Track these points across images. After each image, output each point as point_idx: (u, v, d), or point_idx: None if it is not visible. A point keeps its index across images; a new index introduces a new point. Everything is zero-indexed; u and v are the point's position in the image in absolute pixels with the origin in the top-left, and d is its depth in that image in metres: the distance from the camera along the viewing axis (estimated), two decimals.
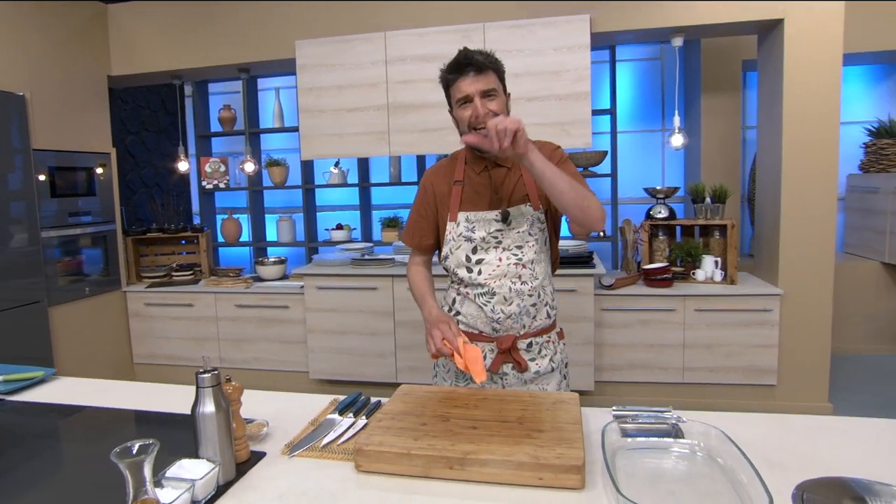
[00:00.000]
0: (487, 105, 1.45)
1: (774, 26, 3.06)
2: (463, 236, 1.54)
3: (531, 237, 1.53)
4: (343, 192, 4.72)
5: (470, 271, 1.54)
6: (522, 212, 1.53)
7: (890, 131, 4.10)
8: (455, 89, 1.49)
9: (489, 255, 1.53)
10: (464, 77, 1.47)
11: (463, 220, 1.55)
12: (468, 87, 1.46)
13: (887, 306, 4.19)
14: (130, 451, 0.82)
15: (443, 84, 1.55)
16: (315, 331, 3.54)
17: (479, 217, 1.53)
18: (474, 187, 1.56)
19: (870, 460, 1.08)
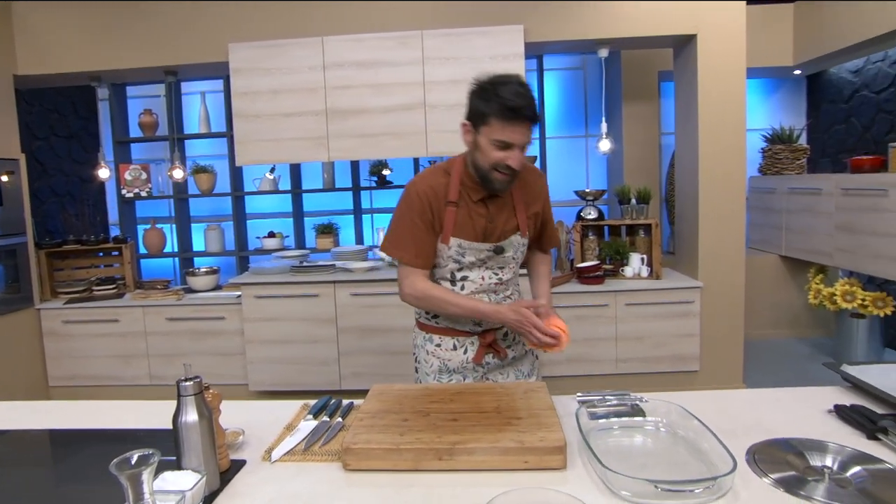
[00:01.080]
0: (522, 158, 1.45)
1: (688, 41, 3.34)
2: (452, 258, 1.56)
3: (513, 260, 1.62)
4: (273, 199, 4.61)
5: (453, 284, 1.59)
6: (512, 242, 1.59)
7: (782, 138, 4.56)
8: (501, 129, 1.39)
9: (473, 272, 1.58)
10: (517, 125, 1.39)
11: (455, 245, 1.54)
12: (516, 136, 1.40)
13: (786, 294, 4.65)
14: (129, 463, 0.79)
15: (485, 106, 1.40)
16: (254, 341, 3.44)
17: (472, 246, 1.54)
18: (469, 213, 1.53)
19: (801, 422, 1.23)
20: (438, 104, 3.32)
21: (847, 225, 3.69)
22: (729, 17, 3.21)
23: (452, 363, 1.62)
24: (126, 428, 1.38)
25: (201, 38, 3.40)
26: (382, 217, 4.69)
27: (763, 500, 0.95)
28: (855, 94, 4.36)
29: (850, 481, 0.99)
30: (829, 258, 3.93)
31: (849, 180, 3.66)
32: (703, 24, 3.22)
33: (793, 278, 4.63)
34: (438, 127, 3.34)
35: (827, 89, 4.67)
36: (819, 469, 1.03)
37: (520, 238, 1.60)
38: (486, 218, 1.54)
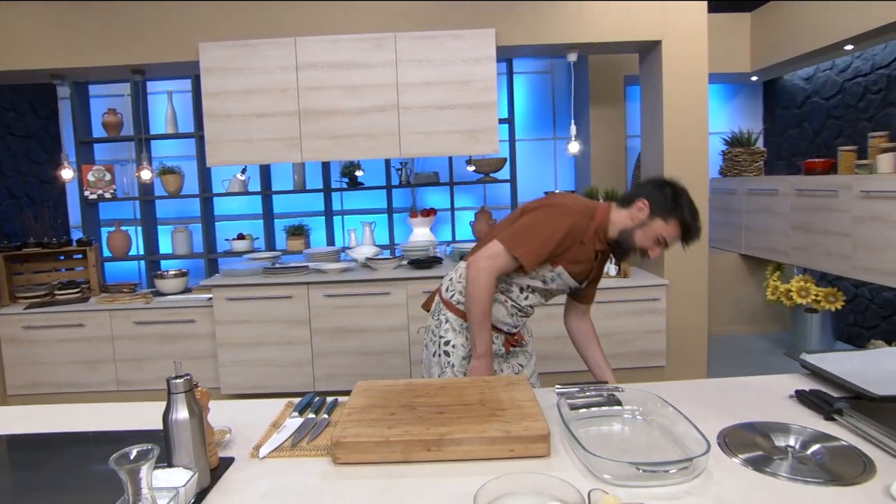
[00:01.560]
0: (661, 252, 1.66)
1: (654, 47, 3.46)
2: (543, 278, 1.72)
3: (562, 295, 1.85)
4: (242, 200, 4.55)
5: (522, 291, 1.77)
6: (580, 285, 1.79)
7: (741, 141, 4.76)
8: (669, 232, 1.59)
9: (534, 296, 1.78)
10: (679, 238, 1.61)
11: (558, 272, 1.69)
12: (673, 243, 1.63)
13: (745, 292, 4.85)
14: (128, 458, 0.80)
15: (673, 211, 1.58)
16: (226, 344, 3.39)
17: (569, 281, 1.71)
18: (584, 257, 1.70)
19: (766, 407, 1.30)
20: (412, 106, 3.35)
21: (801, 224, 3.88)
22: (692, 25, 3.34)
23: None
24: (102, 430, 1.36)
25: (171, 37, 3.35)
26: (353, 219, 4.68)
27: (734, 478, 1.01)
28: (807, 101, 4.58)
29: (810, 458, 1.07)
30: (785, 256, 4.11)
31: (802, 182, 3.85)
32: (667, 31, 3.34)
33: (752, 276, 4.83)
34: (412, 129, 3.37)
35: (781, 95, 4.89)
36: (783, 448, 1.10)
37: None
38: (590, 267, 1.74)
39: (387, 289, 3.41)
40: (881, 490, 0.95)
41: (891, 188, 3.15)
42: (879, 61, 3.86)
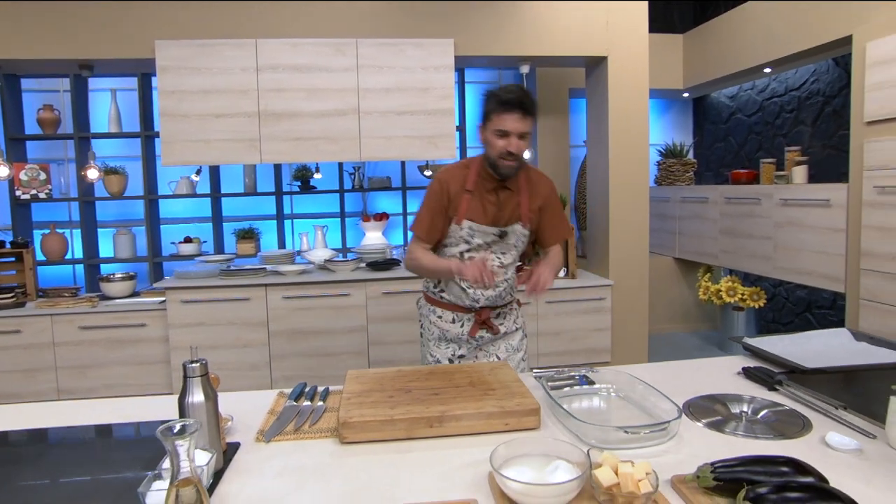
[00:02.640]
0: (519, 144, 1.69)
1: (600, 62, 3.70)
2: (462, 238, 1.79)
3: (514, 248, 1.84)
4: (188, 203, 4.42)
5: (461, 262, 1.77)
6: (514, 230, 1.81)
7: (674, 153, 5.13)
8: (499, 120, 1.67)
9: (478, 254, 1.79)
10: (511, 114, 1.65)
11: (466, 226, 1.78)
12: (512, 125, 1.66)
13: (678, 292, 5.21)
14: (172, 431, 0.84)
15: (487, 105, 1.71)
16: (179, 347, 3.31)
17: (481, 229, 1.78)
18: (481, 200, 1.78)
19: (720, 382, 1.48)
20: (372, 110, 3.42)
21: (729, 229, 4.24)
22: (635, 43, 3.60)
23: (450, 334, 1.86)
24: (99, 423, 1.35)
25: (124, 33, 3.25)
26: (305, 223, 4.66)
27: (700, 438, 1.16)
28: (731, 117, 5.00)
29: (760, 421, 1.24)
30: (714, 259, 4.47)
31: (730, 191, 4.21)
32: (613, 48, 3.59)
33: (684, 277, 5.19)
34: (372, 133, 3.44)
35: (709, 111, 5.31)
36: (738, 414, 1.27)
37: (521, 228, 1.82)
38: (496, 206, 1.78)
39: (346, 290, 3.44)
40: (818, 440, 1.13)
41: (803, 196, 3.52)
42: (792, 84, 4.29)
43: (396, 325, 3.49)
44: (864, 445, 1.10)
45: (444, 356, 1.88)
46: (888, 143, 2.88)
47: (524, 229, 1.82)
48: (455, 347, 1.87)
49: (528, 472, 0.94)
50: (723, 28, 4.34)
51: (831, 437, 1.11)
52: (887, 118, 2.89)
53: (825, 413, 1.25)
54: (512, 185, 1.80)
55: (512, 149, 1.67)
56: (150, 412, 1.39)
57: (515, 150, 1.68)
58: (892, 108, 2.86)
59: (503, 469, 0.93)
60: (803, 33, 3.53)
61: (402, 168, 4.47)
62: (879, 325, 2.93)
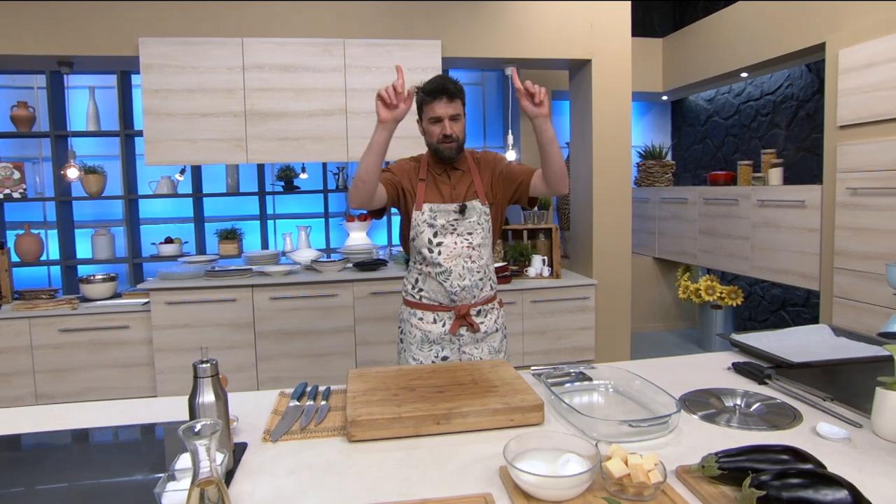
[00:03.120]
0: (452, 127, 1.80)
1: (584, 65, 3.76)
2: (426, 223, 1.86)
3: (479, 226, 1.88)
4: (168, 203, 4.35)
5: (431, 251, 1.85)
6: (474, 206, 1.88)
7: (653, 154, 5.24)
8: (429, 109, 1.82)
9: (447, 238, 1.85)
10: (438, 101, 1.79)
11: (427, 209, 1.86)
12: (441, 110, 1.79)
13: (658, 292, 5.32)
14: (193, 430, 0.84)
15: (417, 100, 1.84)
16: (164, 349, 3.27)
17: (441, 208, 1.86)
18: (436, 184, 1.89)
19: (712, 377, 1.53)
20: (360, 111, 3.42)
21: (708, 229, 4.35)
22: (618, 46, 3.67)
23: (432, 335, 1.89)
24: None
25: (106, 29, 3.19)
26: (288, 223, 4.63)
27: (697, 430, 1.20)
28: (709, 120, 5.13)
29: (753, 413, 1.29)
30: (694, 258, 4.58)
31: (709, 192, 4.32)
32: (597, 51, 3.65)
33: (663, 277, 5.30)
34: (359, 133, 3.44)
35: (687, 114, 5.43)
36: (732, 407, 1.32)
37: (480, 205, 1.88)
38: (449, 185, 1.89)
39: (333, 290, 3.44)
40: (810, 430, 1.18)
41: (779, 197, 3.64)
42: (767, 88, 4.42)
43: (384, 325, 3.50)
44: (852, 434, 1.15)
45: (427, 358, 1.90)
46: (860, 147, 2.99)
47: (483, 206, 1.89)
48: (438, 349, 1.90)
49: (540, 465, 0.97)
50: (702, 33, 4.45)
51: (822, 426, 1.16)
52: (859, 122, 3.00)
53: (813, 405, 1.31)
54: (461, 165, 1.90)
55: (446, 131, 1.78)
56: (136, 415, 1.38)
57: (450, 132, 1.79)
58: (863, 113, 2.97)
59: (516, 463, 0.95)
60: (779, 39, 3.65)
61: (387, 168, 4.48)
62: (851, 321, 3.05)
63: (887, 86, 2.84)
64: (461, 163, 1.91)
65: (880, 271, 2.89)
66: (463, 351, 1.91)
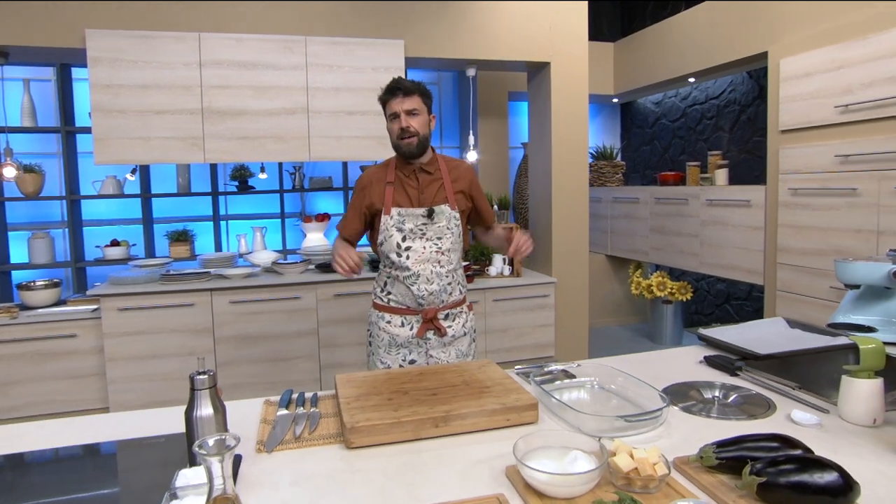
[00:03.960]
0: (410, 121, 1.82)
1: (543, 67, 3.84)
2: (395, 227, 1.85)
3: (448, 231, 1.89)
4: (114, 204, 4.13)
5: (399, 256, 1.84)
6: (443, 210, 1.88)
7: (605, 155, 5.41)
8: (387, 108, 1.86)
9: (415, 243, 1.85)
10: (394, 98, 1.83)
11: (395, 213, 1.87)
12: (397, 106, 1.83)
13: (611, 288, 5.50)
14: (207, 445, 0.81)
15: (380, 103, 1.90)
16: (116, 359, 3.11)
17: (409, 212, 1.87)
18: (404, 188, 1.91)
19: (686, 371, 1.61)
20: (322, 110, 3.36)
21: (659, 228, 4.53)
22: (576, 49, 3.77)
23: (400, 338, 1.89)
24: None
25: (47, 19, 2.99)
26: (242, 224, 4.49)
27: (682, 421, 1.27)
28: (657, 122, 5.34)
29: (731, 404, 1.36)
30: (645, 255, 4.76)
31: (660, 191, 4.50)
32: (556, 54, 3.74)
33: (615, 274, 5.49)
34: (322, 132, 3.38)
35: (636, 116, 5.64)
36: (711, 398, 1.39)
37: (449, 209, 1.89)
38: (417, 189, 1.90)
39: (296, 293, 3.37)
40: (784, 418, 1.27)
41: (726, 197, 3.84)
42: (711, 93, 4.66)
43: (349, 327, 3.46)
44: (822, 420, 1.24)
45: (395, 362, 1.91)
46: (799, 150, 3.20)
47: (453, 211, 1.90)
48: (405, 352, 1.91)
49: (549, 463, 0.99)
50: (652, 39, 4.63)
51: (795, 414, 1.24)
52: (798, 128, 3.21)
53: (783, 393, 1.40)
54: (430, 167, 1.92)
55: (403, 125, 1.81)
56: (90, 432, 1.32)
57: (406, 126, 1.81)
58: (802, 119, 3.18)
59: (526, 462, 0.97)
60: (725, 47, 3.85)
61: (344, 168, 4.42)
62: (792, 312, 3.26)
63: (823, 94, 3.06)
64: (431, 166, 1.91)
65: (819, 266, 3.11)
66: (430, 355, 1.92)
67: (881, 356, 1.21)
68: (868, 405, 1.20)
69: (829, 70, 3.00)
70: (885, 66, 2.74)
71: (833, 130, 3.02)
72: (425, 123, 1.85)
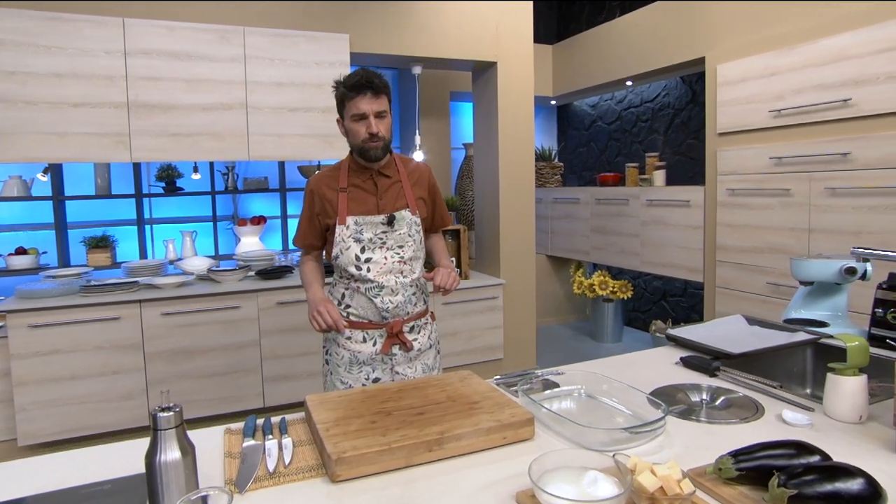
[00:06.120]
0: (378, 125, 1.67)
1: (489, 67, 3.80)
2: (352, 238, 1.70)
3: (410, 238, 1.75)
4: (18, 207, 3.70)
5: (359, 269, 1.70)
6: (404, 216, 1.74)
7: (543, 156, 5.47)
8: (352, 105, 1.66)
9: (375, 254, 1.71)
10: (362, 96, 1.64)
11: (352, 223, 1.70)
12: (365, 106, 1.65)
13: (552, 288, 5.57)
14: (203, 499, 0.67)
15: (337, 96, 1.71)
16: (27, 382, 2.76)
17: (367, 220, 1.73)
18: (360, 193, 1.75)
19: (665, 373, 1.59)
20: (262, 106, 3.15)
21: (599, 228, 4.62)
22: (521, 50, 3.76)
23: (362, 355, 1.75)
24: None
25: None
26: (170, 228, 4.16)
27: (678, 429, 1.23)
28: (593, 124, 5.47)
29: (719, 407, 1.35)
30: (586, 255, 4.85)
31: (600, 192, 4.59)
32: (502, 54, 3.71)
33: (556, 273, 5.57)
34: (262, 130, 3.17)
35: (572, 118, 5.75)
36: (699, 402, 1.38)
37: (410, 215, 1.76)
38: (375, 195, 1.76)
39: (235, 302, 3.13)
40: (775, 419, 1.26)
41: (664, 197, 3.96)
42: (646, 97, 4.81)
43: (293, 336, 3.27)
44: (812, 419, 1.25)
45: (358, 381, 1.77)
46: (735, 152, 3.34)
47: (413, 216, 1.78)
48: (368, 370, 1.77)
49: (566, 487, 0.92)
50: (592, 42, 4.72)
51: (786, 414, 1.24)
52: (734, 131, 3.36)
53: (765, 393, 1.41)
54: (388, 170, 1.78)
55: (373, 129, 1.65)
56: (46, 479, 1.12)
57: (376, 130, 1.66)
58: (737, 123, 3.33)
59: (543, 487, 0.89)
60: (663, 52, 3.97)
61: (281, 168, 4.20)
62: (732, 308, 3.40)
63: (757, 99, 3.21)
64: (388, 168, 1.79)
65: (756, 263, 3.26)
66: (396, 371, 1.79)
67: (866, 354, 1.23)
68: (854, 402, 1.22)
69: (763, 76, 3.15)
70: (813, 74, 2.91)
71: (767, 134, 3.17)
72: (390, 127, 1.72)
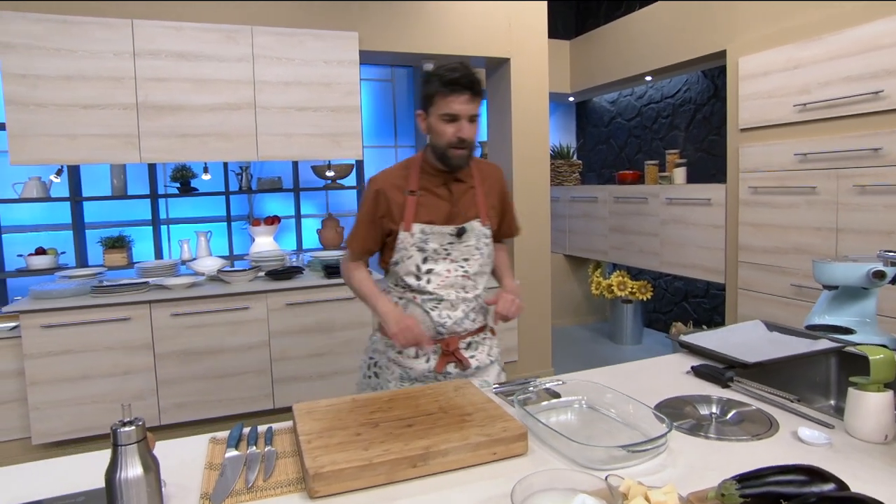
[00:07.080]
0: (470, 130, 1.51)
1: (503, 63, 3.73)
2: (416, 246, 1.58)
3: (477, 251, 1.62)
4: (37, 209, 3.75)
5: (419, 279, 1.59)
6: (473, 227, 1.61)
7: (561, 154, 5.36)
8: (444, 103, 1.48)
9: (438, 265, 1.59)
10: (459, 96, 1.47)
11: (418, 231, 1.57)
12: (461, 107, 1.48)
13: (570, 288, 5.46)
14: None
15: (428, 89, 1.51)
16: (40, 382, 2.78)
17: (435, 231, 1.58)
18: (431, 199, 1.58)
19: (675, 383, 1.50)
20: (270, 105, 3.13)
21: (618, 227, 4.51)
22: (536, 46, 3.68)
23: (415, 371, 1.62)
24: None
25: None
26: (185, 228, 4.19)
27: (683, 445, 1.15)
28: (612, 121, 5.34)
29: (730, 422, 1.26)
30: (604, 255, 4.73)
31: (618, 190, 4.47)
32: (515, 50, 3.63)
33: (574, 273, 5.46)
34: (270, 129, 3.15)
35: (591, 115, 5.63)
36: (708, 416, 1.29)
37: (480, 226, 1.62)
38: (449, 202, 1.60)
39: (245, 303, 3.12)
40: (791, 436, 1.17)
41: (685, 196, 3.83)
42: (667, 92, 4.67)
43: (302, 338, 3.24)
44: (830, 437, 1.15)
45: None
46: (759, 148, 3.21)
47: (484, 227, 1.62)
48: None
49: None
50: (610, 36, 4.60)
51: (803, 432, 1.15)
52: (757, 126, 3.22)
53: (781, 407, 1.31)
54: (464, 175, 1.62)
55: (463, 134, 1.49)
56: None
57: (467, 136, 1.50)
58: (760, 118, 3.19)
59: None
60: (683, 46, 3.84)
61: (295, 168, 4.18)
62: (754, 311, 3.27)
63: (780, 93, 3.07)
64: (464, 173, 1.62)
65: (779, 264, 3.12)
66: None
67: (892, 367, 1.13)
68: (879, 420, 1.12)
69: (787, 69, 3.01)
70: (840, 66, 2.76)
71: (791, 129, 3.03)
72: (477, 133, 1.55)
